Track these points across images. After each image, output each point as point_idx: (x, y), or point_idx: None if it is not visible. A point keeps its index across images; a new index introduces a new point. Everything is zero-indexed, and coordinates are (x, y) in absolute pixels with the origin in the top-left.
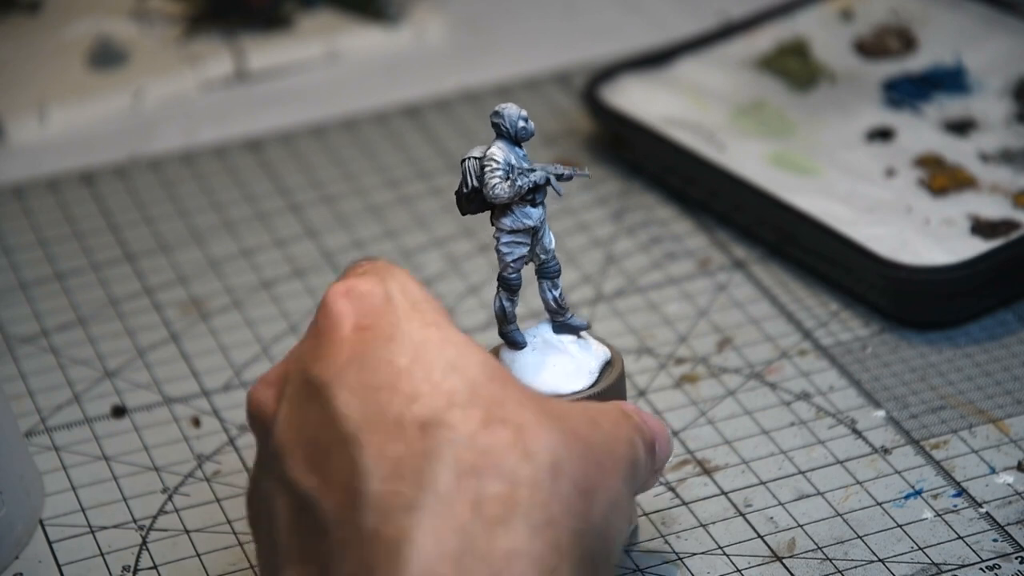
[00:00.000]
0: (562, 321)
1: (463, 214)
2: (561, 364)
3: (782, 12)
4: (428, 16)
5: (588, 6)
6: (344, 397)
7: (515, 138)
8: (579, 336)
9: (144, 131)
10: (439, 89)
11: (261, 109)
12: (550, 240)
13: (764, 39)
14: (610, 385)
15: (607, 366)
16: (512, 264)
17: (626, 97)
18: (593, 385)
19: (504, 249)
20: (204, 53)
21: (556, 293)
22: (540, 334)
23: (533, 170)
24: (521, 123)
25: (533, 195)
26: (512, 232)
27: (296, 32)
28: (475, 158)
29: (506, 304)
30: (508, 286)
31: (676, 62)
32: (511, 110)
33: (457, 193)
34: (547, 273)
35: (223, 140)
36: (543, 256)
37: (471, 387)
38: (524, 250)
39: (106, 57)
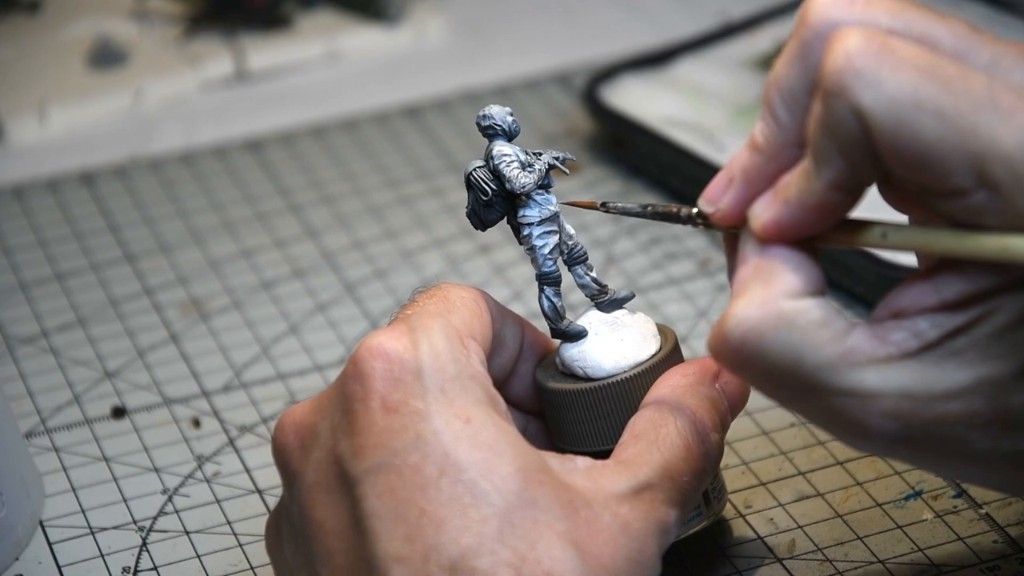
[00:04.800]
0: (608, 299)
1: (483, 230)
2: (629, 336)
3: (782, 12)
4: (428, 16)
5: (588, 6)
6: (373, 505)
7: (509, 134)
8: (622, 309)
9: (144, 131)
10: (439, 89)
11: (261, 109)
12: (569, 226)
13: (764, 39)
14: (673, 347)
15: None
16: (549, 256)
17: (626, 97)
18: (660, 348)
19: (539, 242)
20: (204, 53)
21: (593, 274)
22: (593, 319)
23: (539, 154)
24: (511, 119)
25: (546, 180)
26: (542, 222)
27: (296, 32)
28: (479, 168)
29: (555, 300)
30: (551, 280)
31: (676, 62)
32: (496, 109)
33: (471, 211)
34: (578, 258)
35: (223, 140)
36: (569, 243)
37: (502, 517)
38: (555, 238)
39: (106, 57)
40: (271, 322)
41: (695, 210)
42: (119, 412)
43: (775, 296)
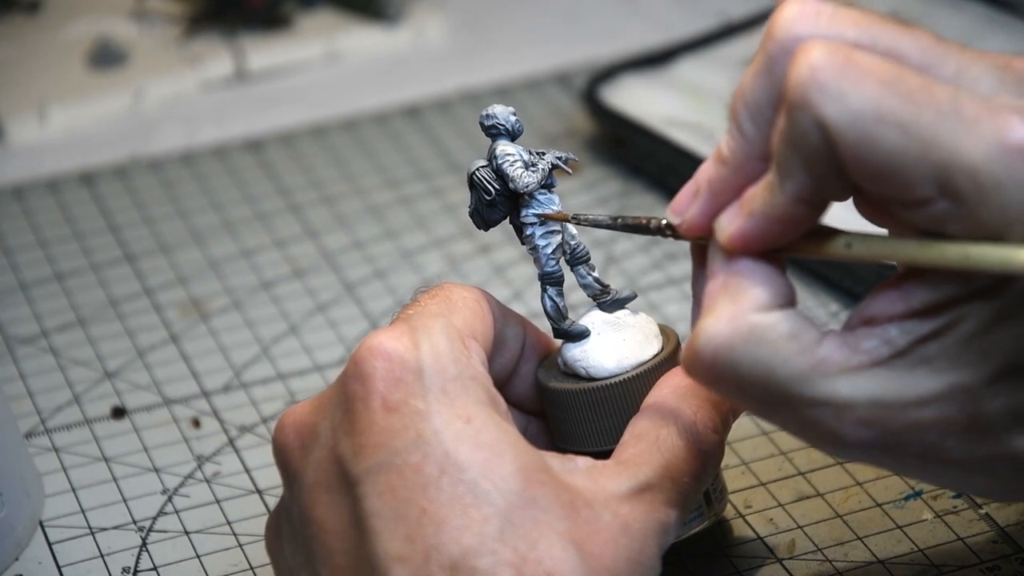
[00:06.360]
0: (611, 299)
1: (486, 229)
2: (631, 336)
3: None
4: (428, 16)
5: (588, 6)
6: (374, 505)
7: (513, 134)
8: (624, 309)
9: (144, 131)
10: (439, 89)
11: (261, 109)
12: (571, 226)
13: None
14: (675, 348)
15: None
16: (552, 256)
17: (626, 97)
18: (662, 349)
19: (541, 242)
20: (204, 53)
21: (595, 274)
22: (595, 319)
23: (543, 153)
24: (514, 118)
25: (549, 180)
26: (544, 223)
27: (296, 32)
28: (482, 167)
29: (557, 300)
30: (554, 280)
31: (676, 62)
32: (500, 109)
33: (474, 210)
34: (580, 258)
35: (223, 140)
36: (572, 243)
37: (503, 517)
38: (558, 238)
39: (106, 57)
40: (271, 322)
41: (664, 221)
42: (119, 412)
43: (744, 311)
